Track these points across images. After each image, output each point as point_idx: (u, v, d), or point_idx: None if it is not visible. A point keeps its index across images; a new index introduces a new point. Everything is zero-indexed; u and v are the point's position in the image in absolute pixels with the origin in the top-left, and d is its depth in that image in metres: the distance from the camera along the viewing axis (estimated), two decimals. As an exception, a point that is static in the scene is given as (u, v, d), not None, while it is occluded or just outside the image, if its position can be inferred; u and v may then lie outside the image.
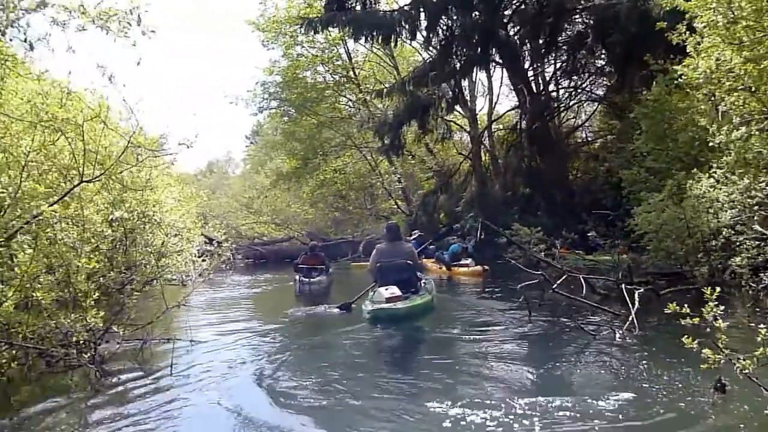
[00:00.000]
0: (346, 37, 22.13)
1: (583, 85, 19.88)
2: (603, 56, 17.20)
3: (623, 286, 7.26)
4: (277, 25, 26.41)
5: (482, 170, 22.05)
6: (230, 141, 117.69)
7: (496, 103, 24.11)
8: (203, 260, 16.07)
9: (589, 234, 14.63)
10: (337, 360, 6.04)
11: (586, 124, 21.79)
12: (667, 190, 9.13)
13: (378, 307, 7.69)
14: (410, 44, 26.77)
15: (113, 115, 8.51)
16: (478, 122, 24.86)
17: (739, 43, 8.26)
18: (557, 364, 5.29)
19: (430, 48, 18.39)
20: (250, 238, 28.79)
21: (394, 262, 8.44)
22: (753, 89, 9.22)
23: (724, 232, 8.28)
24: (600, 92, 19.49)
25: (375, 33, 17.08)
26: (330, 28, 18.65)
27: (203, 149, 77.21)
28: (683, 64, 9.78)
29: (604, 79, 19.01)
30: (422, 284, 8.80)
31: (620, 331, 6.08)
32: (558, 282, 7.74)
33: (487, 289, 11.31)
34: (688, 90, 11.05)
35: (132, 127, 6.06)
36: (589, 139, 21.89)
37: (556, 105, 20.29)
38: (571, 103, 20.61)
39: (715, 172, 9.13)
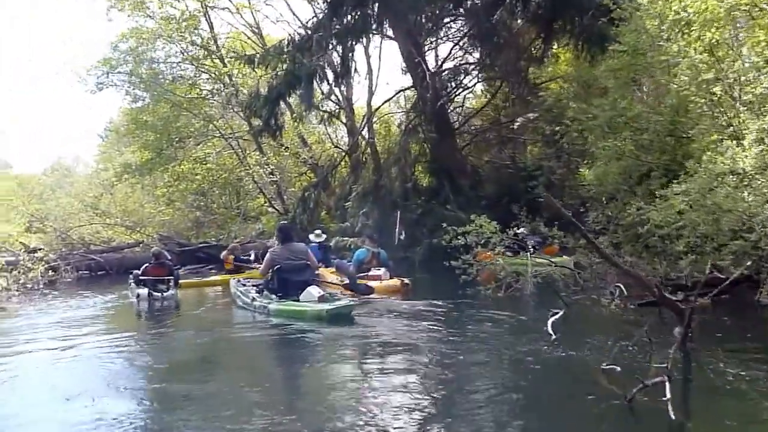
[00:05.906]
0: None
1: (489, 60, 17.27)
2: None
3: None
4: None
5: (365, 160, 19.20)
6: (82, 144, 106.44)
7: (375, 91, 21.13)
8: (-1, 277, 11.66)
9: (519, 231, 11.85)
10: None
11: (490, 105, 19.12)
12: (701, 167, 6.21)
13: (338, 305, 7.33)
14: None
15: None
16: (354, 113, 22.15)
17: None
18: None
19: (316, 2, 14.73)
20: (87, 244, 23.21)
21: (293, 264, 8.16)
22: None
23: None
24: (508, 68, 16.83)
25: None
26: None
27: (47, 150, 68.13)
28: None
29: (513, 52, 16.43)
30: None
31: None
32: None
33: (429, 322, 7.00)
34: (660, 42, 8.57)
35: None
36: (479, 120, 19.32)
37: (459, 82, 17.56)
38: (476, 81, 17.97)
39: (742, 141, 6.59)
